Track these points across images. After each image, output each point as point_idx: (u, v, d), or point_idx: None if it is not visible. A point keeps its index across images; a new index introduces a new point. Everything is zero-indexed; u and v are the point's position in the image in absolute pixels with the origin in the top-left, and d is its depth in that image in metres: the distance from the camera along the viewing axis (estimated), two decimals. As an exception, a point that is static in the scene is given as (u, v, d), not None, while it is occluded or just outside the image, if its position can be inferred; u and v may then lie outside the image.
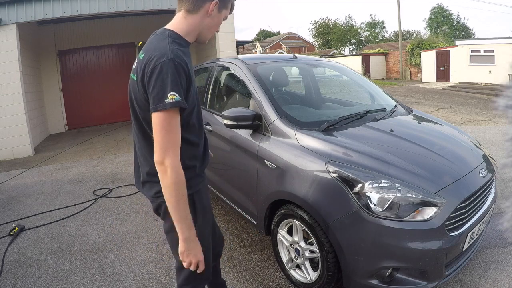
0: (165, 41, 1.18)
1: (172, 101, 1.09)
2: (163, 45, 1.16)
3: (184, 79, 1.15)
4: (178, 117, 1.15)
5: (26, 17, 6.23)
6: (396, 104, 2.84)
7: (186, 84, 1.17)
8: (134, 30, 9.34)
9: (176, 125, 1.14)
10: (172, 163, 1.13)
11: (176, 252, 1.37)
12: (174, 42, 1.19)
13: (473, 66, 15.72)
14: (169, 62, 1.10)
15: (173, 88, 1.09)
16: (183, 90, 1.14)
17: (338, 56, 29.42)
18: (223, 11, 1.30)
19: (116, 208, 3.57)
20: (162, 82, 1.10)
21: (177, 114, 1.14)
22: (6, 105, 6.23)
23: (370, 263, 1.67)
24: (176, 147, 1.14)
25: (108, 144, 6.92)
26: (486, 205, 1.98)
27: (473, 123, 7.06)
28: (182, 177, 1.16)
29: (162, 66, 1.10)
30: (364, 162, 1.82)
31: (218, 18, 1.30)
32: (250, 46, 40.21)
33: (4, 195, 4.20)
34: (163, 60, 1.11)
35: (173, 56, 1.12)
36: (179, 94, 1.10)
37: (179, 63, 1.12)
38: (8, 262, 2.60)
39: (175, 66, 1.11)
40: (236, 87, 2.97)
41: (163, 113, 1.10)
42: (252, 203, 2.38)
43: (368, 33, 49.90)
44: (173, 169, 1.13)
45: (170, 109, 1.10)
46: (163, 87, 1.09)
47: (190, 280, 1.41)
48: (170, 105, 1.09)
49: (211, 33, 1.33)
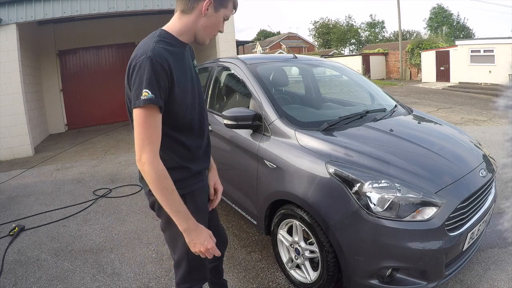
0: (151, 40, 1.19)
1: (145, 98, 1.10)
2: (148, 44, 1.17)
3: (164, 77, 1.14)
4: (155, 114, 1.14)
5: (26, 17, 6.24)
6: (396, 104, 2.84)
7: (168, 83, 1.16)
8: (134, 30, 9.33)
9: (153, 122, 1.14)
10: (149, 158, 1.13)
11: (172, 249, 1.40)
12: (162, 41, 1.20)
13: (473, 66, 15.72)
14: (146, 60, 1.11)
15: (146, 86, 1.10)
16: (162, 89, 1.14)
17: (338, 56, 29.42)
18: (221, 10, 1.26)
19: (116, 208, 3.57)
20: (140, 79, 1.11)
21: (153, 111, 1.13)
22: (6, 105, 6.24)
23: (370, 263, 1.67)
24: (152, 144, 1.14)
25: (108, 144, 6.92)
26: (486, 205, 1.98)
27: (473, 123, 7.06)
28: (161, 172, 1.15)
29: (140, 64, 1.12)
30: (364, 162, 1.82)
31: (216, 18, 1.26)
32: (250, 46, 40.20)
33: (4, 195, 4.21)
34: (142, 58, 1.13)
35: (152, 54, 1.12)
36: (153, 92, 1.10)
37: (157, 61, 1.12)
38: (8, 262, 2.60)
39: (151, 64, 1.11)
40: (236, 87, 2.97)
41: (138, 109, 1.12)
42: (252, 203, 2.38)
43: (368, 33, 49.91)
44: (150, 165, 1.13)
45: (144, 106, 1.11)
46: (140, 84, 1.11)
47: (187, 279, 1.41)
48: (143, 102, 1.10)
49: (208, 33, 1.28)
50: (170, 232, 1.37)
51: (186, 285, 1.42)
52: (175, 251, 1.40)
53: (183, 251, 1.36)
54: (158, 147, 1.16)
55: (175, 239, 1.37)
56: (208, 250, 1.24)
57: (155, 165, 1.14)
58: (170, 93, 1.18)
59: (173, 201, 1.18)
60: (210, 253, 1.25)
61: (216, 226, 1.60)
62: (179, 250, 1.38)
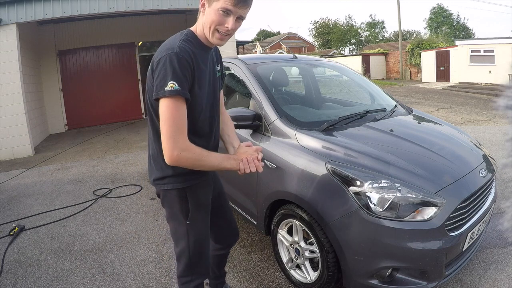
0: (178, 38, 1.26)
1: (171, 89, 1.15)
2: (174, 42, 1.24)
3: (189, 72, 1.21)
4: (183, 106, 1.20)
5: (26, 17, 6.24)
6: (396, 104, 2.84)
7: (191, 78, 1.23)
8: (134, 30, 9.34)
9: (182, 113, 1.20)
10: (183, 146, 1.19)
11: (175, 241, 1.45)
12: (187, 40, 1.26)
13: (473, 66, 15.71)
14: (173, 54, 1.18)
15: (173, 78, 1.16)
16: (188, 83, 1.20)
17: (338, 56, 29.41)
18: (213, 3, 1.21)
19: (116, 208, 3.57)
20: (165, 72, 1.17)
21: (180, 102, 1.19)
22: (6, 105, 6.24)
23: (370, 263, 1.67)
24: (184, 133, 1.20)
25: (108, 144, 6.92)
26: (486, 205, 1.98)
27: (473, 123, 7.06)
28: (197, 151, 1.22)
29: (166, 59, 1.18)
30: (364, 162, 1.82)
31: (212, 12, 1.22)
32: (250, 46, 40.20)
33: (4, 195, 4.21)
34: (169, 52, 1.19)
35: (178, 50, 1.19)
36: (179, 84, 1.16)
37: (183, 56, 1.19)
38: (8, 262, 2.60)
39: (178, 59, 1.17)
40: (236, 87, 2.97)
41: (166, 101, 1.17)
42: (252, 203, 2.38)
43: (368, 33, 49.90)
44: (187, 151, 1.20)
45: (172, 97, 1.16)
46: (165, 76, 1.16)
47: (187, 272, 1.45)
48: (169, 92, 1.15)
49: (211, 31, 1.25)
50: (173, 223, 1.44)
51: (187, 279, 1.46)
52: (177, 243, 1.45)
53: (185, 245, 1.42)
54: (186, 134, 1.22)
55: (177, 231, 1.44)
56: (252, 161, 1.31)
57: (191, 150, 1.21)
58: (190, 90, 1.23)
59: (213, 161, 1.26)
60: (255, 163, 1.32)
61: (229, 219, 1.70)
62: (181, 243, 1.43)
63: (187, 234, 1.40)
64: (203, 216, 1.43)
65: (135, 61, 9.83)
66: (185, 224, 1.39)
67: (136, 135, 7.63)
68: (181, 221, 1.39)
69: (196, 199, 1.39)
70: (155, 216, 3.31)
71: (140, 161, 5.33)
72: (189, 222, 1.38)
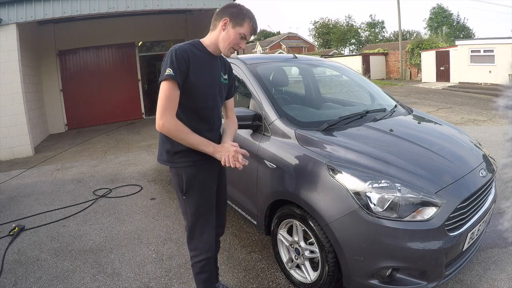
0: (183, 43, 1.59)
1: (167, 73, 1.45)
2: (179, 44, 1.57)
3: (183, 63, 1.49)
4: (174, 88, 1.47)
5: (26, 17, 6.23)
6: (396, 104, 2.84)
7: (186, 69, 1.50)
8: (134, 30, 9.33)
9: (173, 93, 1.47)
10: (167, 119, 1.47)
11: (184, 216, 1.72)
12: (190, 44, 1.59)
13: (473, 66, 15.71)
14: (173, 51, 1.51)
15: (169, 66, 1.47)
16: (181, 71, 1.48)
17: (338, 56, 29.41)
18: (237, 28, 1.57)
19: (116, 208, 3.57)
20: (165, 63, 1.49)
21: (172, 85, 1.47)
22: (6, 105, 6.23)
23: (370, 263, 1.67)
24: (171, 110, 1.48)
25: (108, 144, 6.92)
26: (486, 205, 1.98)
27: (473, 123, 7.06)
28: (178, 125, 1.49)
29: (168, 54, 1.52)
30: (364, 162, 1.82)
31: (233, 33, 1.57)
32: (250, 46, 40.21)
33: (4, 195, 4.20)
34: (170, 50, 1.53)
35: (178, 48, 1.52)
36: (174, 71, 1.46)
37: (180, 53, 1.50)
38: (8, 262, 2.60)
39: (175, 53, 1.50)
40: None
41: (163, 83, 1.48)
42: (252, 203, 2.38)
43: (368, 33, 49.88)
44: (169, 123, 1.47)
45: (167, 79, 1.46)
46: (165, 65, 1.49)
47: (191, 246, 1.73)
48: (165, 76, 1.46)
49: (226, 45, 1.59)
50: (179, 200, 1.71)
51: (192, 253, 1.73)
52: (184, 217, 1.72)
53: (185, 217, 1.70)
54: (175, 112, 1.49)
55: (180, 204, 1.72)
56: (234, 154, 1.53)
57: (172, 123, 1.48)
58: (186, 77, 1.52)
59: (193, 139, 1.52)
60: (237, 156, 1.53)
61: (220, 212, 1.89)
62: (184, 216, 1.70)
63: (185, 207, 1.67)
64: (200, 194, 1.65)
65: (135, 61, 9.82)
66: (183, 199, 1.66)
67: (136, 135, 7.63)
68: (179, 196, 1.68)
69: (189, 179, 1.61)
70: (155, 216, 3.31)
71: (140, 161, 5.33)
72: (185, 197, 1.64)
